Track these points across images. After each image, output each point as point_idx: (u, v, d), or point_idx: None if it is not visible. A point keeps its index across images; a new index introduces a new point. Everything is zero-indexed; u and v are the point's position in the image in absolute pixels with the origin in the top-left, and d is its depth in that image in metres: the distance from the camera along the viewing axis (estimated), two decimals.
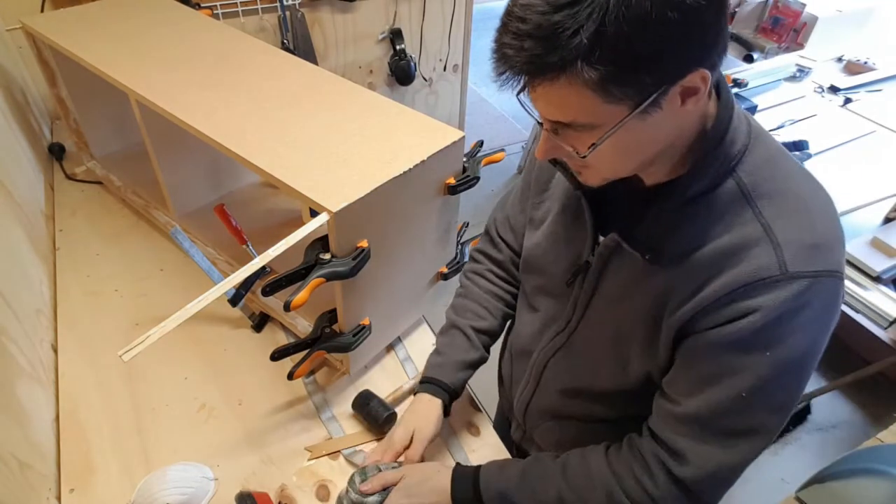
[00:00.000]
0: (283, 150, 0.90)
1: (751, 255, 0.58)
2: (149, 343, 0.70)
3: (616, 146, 0.57)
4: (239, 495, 0.84)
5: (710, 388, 0.62)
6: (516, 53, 0.51)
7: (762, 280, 0.57)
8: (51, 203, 1.42)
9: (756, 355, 0.59)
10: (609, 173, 0.63)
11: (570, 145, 0.59)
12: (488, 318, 0.95)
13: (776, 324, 0.57)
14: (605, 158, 0.59)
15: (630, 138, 0.56)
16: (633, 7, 0.47)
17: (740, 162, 0.61)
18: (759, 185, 0.60)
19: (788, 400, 0.62)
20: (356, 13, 2.17)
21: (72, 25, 1.23)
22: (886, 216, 1.54)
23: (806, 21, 2.74)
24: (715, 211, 0.61)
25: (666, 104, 0.53)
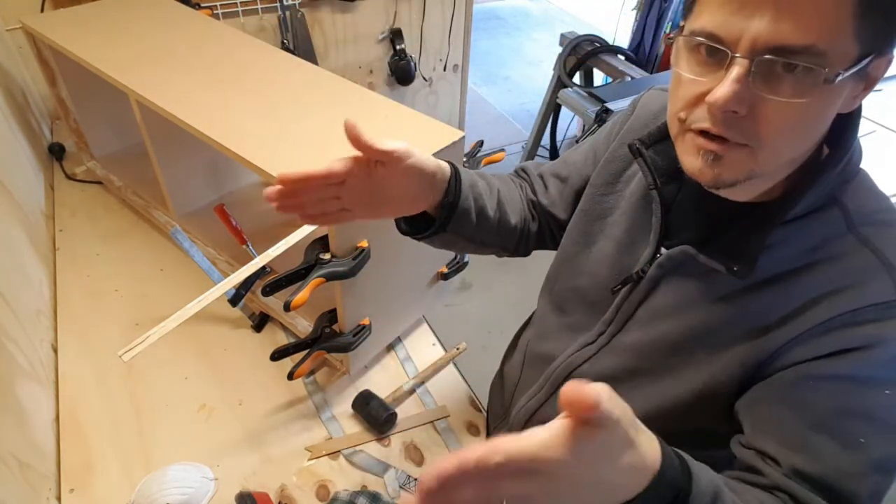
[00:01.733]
0: (284, 150, 0.90)
1: (864, 280, 0.52)
2: (149, 343, 0.70)
3: (811, 110, 0.47)
4: (239, 495, 0.85)
5: (820, 435, 0.51)
6: None
7: (875, 305, 0.50)
8: (51, 203, 1.42)
9: (875, 394, 0.51)
10: (770, 156, 0.50)
11: (771, 88, 0.46)
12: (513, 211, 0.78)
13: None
14: (787, 127, 0.48)
15: (825, 104, 0.47)
16: None
17: (846, 189, 0.55)
18: (864, 214, 0.54)
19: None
20: (356, 13, 2.17)
21: (72, 25, 1.23)
22: None
23: None
24: (813, 236, 0.54)
25: (852, 82, 0.46)
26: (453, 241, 0.72)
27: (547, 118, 3.00)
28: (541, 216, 0.83)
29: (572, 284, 0.77)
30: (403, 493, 0.72)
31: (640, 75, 2.56)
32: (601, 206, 0.74)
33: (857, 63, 0.44)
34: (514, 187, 0.83)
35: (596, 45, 2.75)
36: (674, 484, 0.41)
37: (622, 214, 0.71)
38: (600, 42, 2.78)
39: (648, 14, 2.85)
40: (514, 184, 0.84)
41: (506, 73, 4.23)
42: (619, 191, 0.73)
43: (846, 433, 0.51)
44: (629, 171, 0.72)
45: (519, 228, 0.79)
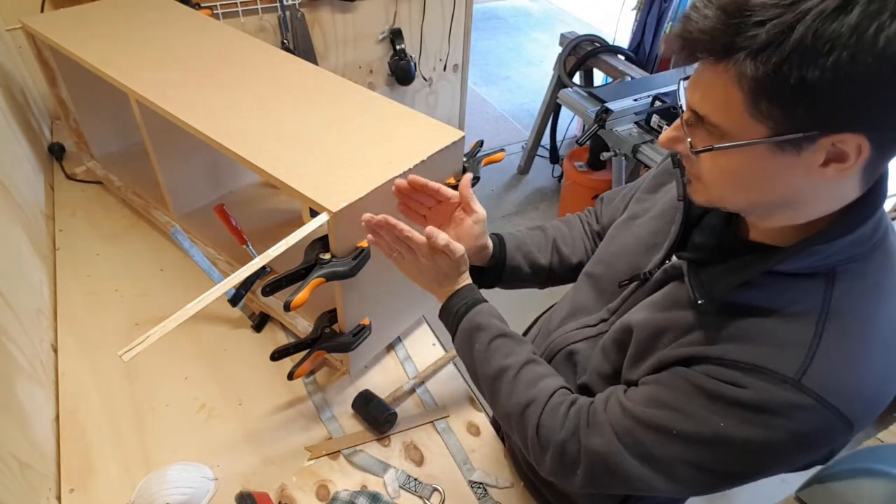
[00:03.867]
0: (283, 150, 0.90)
1: (785, 348, 0.55)
2: (149, 343, 0.69)
3: (736, 167, 0.53)
4: (239, 495, 0.85)
5: (658, 409, 0.62)
6: (700, 20, 0.48)
7: (774, 374, 0.54)
8: (51, 203, 1.42)
9: (714, 417, 0.57)
10: (716, 196, 0.58)
11: (694, 141, 0.55)
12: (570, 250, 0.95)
13: (750, 410, 0.55)
14: (718, 175, 0.55)
15: (752, 166, 0.52)
16: (829, 28, 0.42)
17: (847, 268, 0.56)
18: (847, 299, 0.55)
19: (714, 469, 0.59)
20: (356, 13, 2.17)
21: (72, 25, 1.23)
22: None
23: None
24: (788, 294, 0.57)
25: (806, 153, 0.49)
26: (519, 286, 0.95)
27: (547, 118, 3.00)
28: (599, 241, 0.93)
29: (590, 270, 0.84)
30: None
31: (640, 75, 2.56)
32: (642, 207, 0.81)
33: (776, 136, 0.48)
34: (577, 227, 0.98)
35: (596, 45, 2.75)
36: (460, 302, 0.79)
37: (651, 218, 0.77)
38: (600, 42, 2.78)
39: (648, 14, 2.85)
40: (580, 222, 0.99)
41: (506, 73, 4.23)
42: (659, 198, 0.79)
43: (668, 418, 0.61)
44: (670, 183, 0.78)
45: (577, 262, 0.94)
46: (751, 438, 0.56)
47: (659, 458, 0.62)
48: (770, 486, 1.89)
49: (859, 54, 0.42)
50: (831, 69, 0.43)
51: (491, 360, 0.75)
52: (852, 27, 0.42)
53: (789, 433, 0.54)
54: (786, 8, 0.44)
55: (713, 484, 0.61)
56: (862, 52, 0.42)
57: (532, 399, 0.72)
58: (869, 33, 0.42)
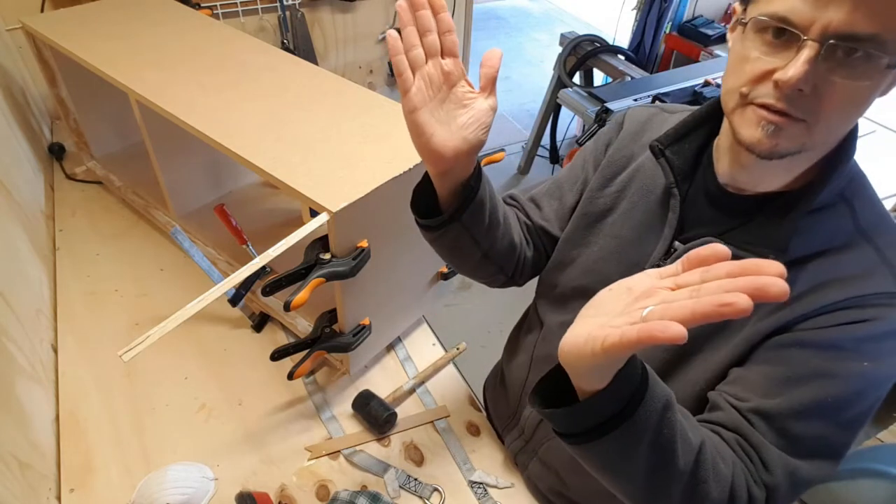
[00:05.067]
0: (283, 150, 0.90)
1: (869, 273, 0.57)
2: (149, 343, 0.69)
3: (870, 91, 0.52)
4: (239, 495, 0.85)
5: (795, 389, 0.57)
6: None
7: (880, 294, 0.55)
8: (51, 203, 1.42)
9: (854, 364, 0.56)
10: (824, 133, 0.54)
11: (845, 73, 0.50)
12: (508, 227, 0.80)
13: (883, 338, 0.55)
14: (846, 105, 0.52)
15: (871, 92, 0.52)
16: None
17: (850, 188, 0.61)
18: (868, 216, 0.59)
19: (860, 420, 0.58)
20: (356, 13, 2.17)
21: (72, 25, 1.23)
22: None
23: None
24: (825, 227, 0.59)
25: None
26: (461, 238, 0.72)
27: (547, 118, 3.00)
28: (536, 238, 0.86)
29: (576, 284, 0.79)
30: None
31: (640, 75, 2.56)
32: (598, 207, 0.78)
33: None
34: (510, 211, 0.83)
35: (596, 45, 2.75)
36: (631, 381, 0.49)
37: (623, 214, 0.74)
38: (600, 42, 2.78)
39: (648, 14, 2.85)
40: (514, 209, 0.87)
41: (506, 73, 4.23)
42: (615, 192, 0.76)
43: (814, 392, 0.56)
44: (623, 174, 0.76)
45: (518, 250, 0.81)
46: (893, 365, 0.56)
47: (824, 433, 0.57)
48: None
49: None
50: None
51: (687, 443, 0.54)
52: None
53: None
54: None
55: (864, 422, 0.59)
56: None
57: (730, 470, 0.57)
58: None
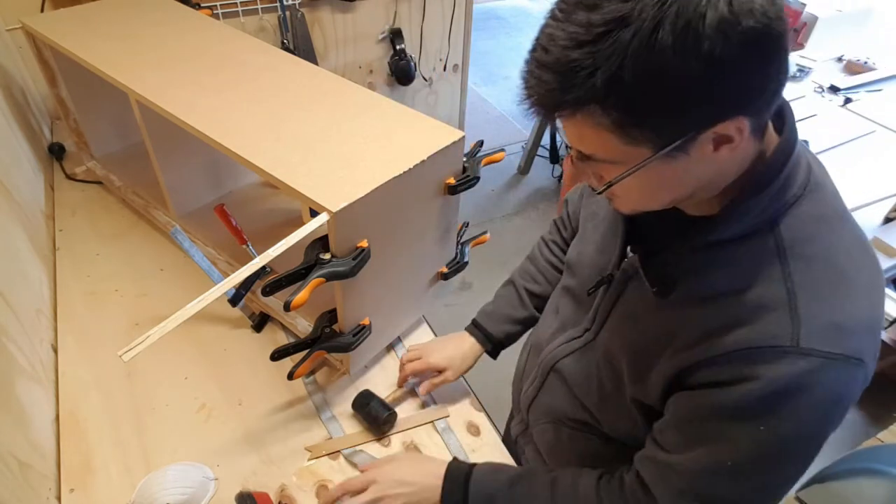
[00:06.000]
0: (283, 150, 0.90)
1: (767, 318, 0.54)
2: (149, 343, 0.69)
3: (640, 185, 0.54)
4: (239, 495, 0.85)
5: (697, 449, 0.59)
6: (536, 84, 0.50)
7: (770, 348, 0.53)
8: (51, 203, 1.42)
9: (749, 427, 0.55)
10: (637, 206, 0.60)
11: (593, 175, 0.57)
12: (542, 284, 0.99)
13: (774, 399, 0.53)
14: (629, 193, 0.57)
15: (654, 179, 0.53)
16: (654, 53, 0.43)
17: (785, 214, 0.56)
18: (798, 244, 0.55)
19: (774, 484, 0.58)
20: (356, 13, 2.17)
21: (72, 25, 1.23)
22: (886, 216, 1.54)
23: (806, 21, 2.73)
24: (744, 262, 0.56)
25: (695, 150, 0.50)
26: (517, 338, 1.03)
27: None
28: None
29: (566, 283, 0.84)
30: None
31: None
32: (588, 210, 0.83)
33: (660, 150, 0.49)
34: (541, 256, 1.02)
35: None
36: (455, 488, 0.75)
37: (602, 220, 0.78)
38: None
39: None
40: (545, 245, 1.02)
41: (506, 73, 4.23)
42: (599, 199, 0.80)
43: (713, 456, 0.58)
44: None
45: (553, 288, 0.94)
46: (795, 429, 0.54)
47: (731, 500, 0.59)
48: None
49: (687, 62, 0.44)
50: (672, 85, 0.45)
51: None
52: (671, 45, 0.43)
53: (819, 403, 0.53)
54: (603, 51, 0.44)
55: (782, 486, 0.59)
56: (688, 60, 0.44)
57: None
58: (689, 43, 0.43)
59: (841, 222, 0.58)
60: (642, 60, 0.44)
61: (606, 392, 0.74)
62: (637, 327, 0.66)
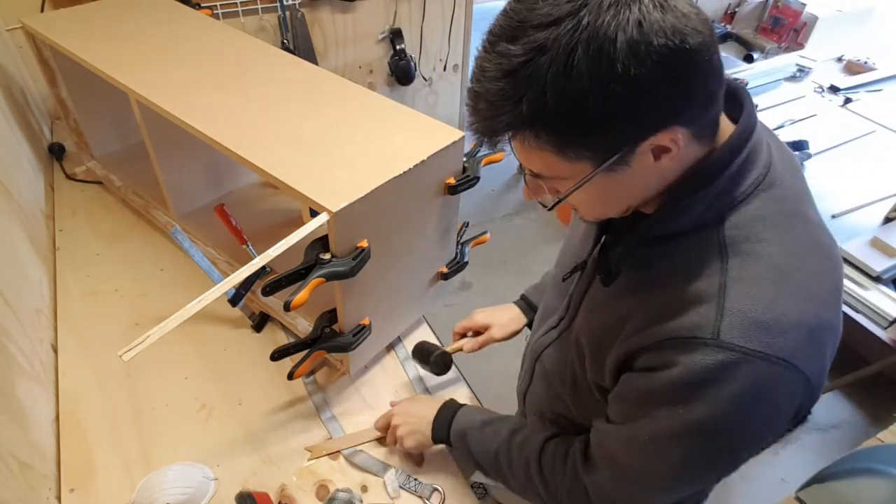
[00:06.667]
0: (283, 150, 0.90)
1: (696, 310, 0.55)
2: (149, 343, 0.70)
3: (589, 196, 0.57)
4: (239, 495, 0.84)
5: (627, 423, 0.63)
6: (474, 113, 0.53)
7: (692, 338, 0.54)
8: (51, 203, 1.42)
9: (665, 408, 0.57)
10: (598, 214, 0.63)
11: (548, 190, 0.59)
12: None
13: (687, 386, 0.55)
14: (582, 205, 0.60)
15: (602, 190, 0.56)
16: (572, 78, 0.45)
17: (733, 210, 0.56)
18: (741, 241, 0.55)
19: (691, 464, 0.60)
20: (356, 13, 2.17)
21: (72, 25, 1.23)
22: (886, 216, 1.54)
23: (806, 21, 2.74)
24: (688, 256, 0.58)
25: (635, 161, 0.52)
26: None
27: None
28: None
29: (553, 273, 0.88)
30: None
31: None
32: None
33: (601, 164, 0.52)
34: None
35: None
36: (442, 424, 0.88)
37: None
38: None
39: None
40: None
41: None
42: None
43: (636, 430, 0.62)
44: None
45: None
46: (705, 417, 0.55)
47: (646, 471, 0.62)
48: (770, 486, 1.90)
49: (604, 84, 0.45)
50: (595, 107, 0.47)
51: (485, 452, 0.83)
52: (586, 69, 0.45)
53: (735, 396, 0.53)
54: (525, 79, 0.47)
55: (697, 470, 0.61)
56: (605, 82, 0.45)
57: (527, 461, 0.77)
58: (603, 66, 0.45)
59: (793, 223, 0.57)
60: (562, 85, 0.46)
61: (578, 380, 0.76)
62: (598, 314, 0.69)
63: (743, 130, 0.56)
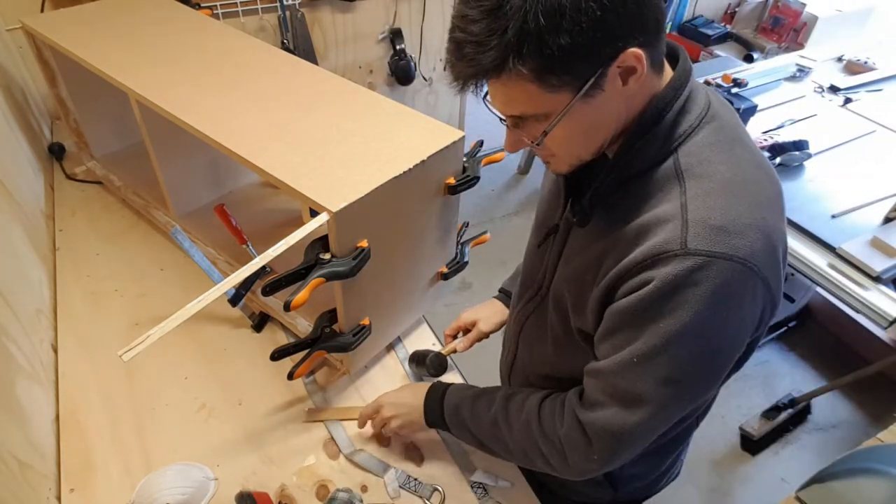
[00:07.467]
0: (283, 150, 0.90)
1: (663, 230, 0.60)
2: (149, 343, 0.70)
3: (569, 131, 0.61)
4: (239, 495, 0.84)
5: (616, 352, 0.65)
6: (458, 60, 0.57)
7: (663, 253, 0.59)
8: (51, 203, 1.42)
9: (648, 324, 0.61)
10: (572, 159, 0.66)
11: (528, 136, 0.64)
12: None
13: (665, 296, 0.59)
14: (562, 144, 0.64)
15: (580, 122, 0.60)
16: (547, 1, 0.51)
17: (684, 142, 0.63)
18: (695, 166, 0.62)
19: (680, 375, 0.63)
20: (356, 13, 2.17)
21: (72, 25, 1.23)
22: (886, 216, 1.54)
23: (806, 21, 2.74)
24: (650, 188, 0.63)
25: (607, 85, 0.57)
26: None
27: None
28: None
29: (528, 245, 0.89)
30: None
31: None
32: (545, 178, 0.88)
33: (579, 91, 0.57)
34: None
35: None
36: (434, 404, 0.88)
37: (548, 180, 0.84)
38: None
39: None
40: None
41: None
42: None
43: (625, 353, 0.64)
44: None
45: None
46: (685, 321, 0.59)
47: (640, 393, 0.64)
48: (770, 486, 1.90)
49: (580, 3, 0.52)
50: (570, 24, 0.52)
51: (481, 422, 0.83)
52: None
53: (706, 296, 0.58)
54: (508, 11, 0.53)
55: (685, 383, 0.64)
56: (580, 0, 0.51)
57: (527, 421, 0.77)
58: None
59: (735, 146, 0.64)
60: (541, 8, 0.52)
61: (558, 337, 0.79)
62: (575, 264, 0.72)
63: (681, 73, 0.63)
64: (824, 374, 2.20)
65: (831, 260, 1.45)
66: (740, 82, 2.04)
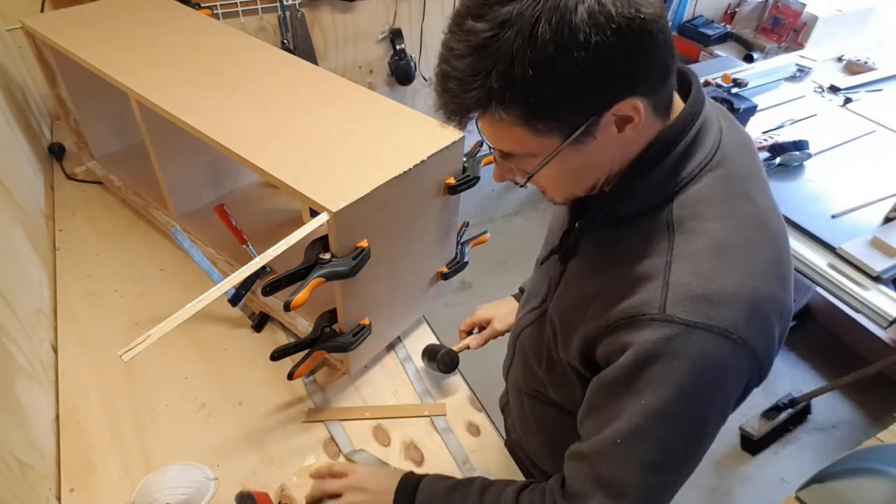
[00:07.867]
0: (283, 150, 0.90)
1: (644, 289, 0.56)
2: (149, 343, 0.70)
3: (559, 172, 0.59)
4: (239, 495, 0.84)
5: (598, 432, 0.61)
6: (443, 93, 0.54)
7: (641, 315, 0.55)
8: (51, 203, 1.42)
9: (630, 399, 0.57)
10: (565, 193, 0.64)
11: (518, 171, 0.61)
12: None
13: (644, 366, 0.55)
14: (551, 183, 0.62)
15: (570, 165, 0.57)
16: (537, 50, 0.47)
17: (684, 189, 0.58)
18: (687, 220, 0.58)
19: (666, 458, 0.58)
20: (356, 13, 2.17)
21: (72, 25, 1.23)
22: (886, 216, 1.54)
23: (806, 21, 2.74)
24: (640, 235, 0.60)
25: (600, 133, 0.54)
26: None
27: None
28: None
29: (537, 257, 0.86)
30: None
31: None
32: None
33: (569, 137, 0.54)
34: None
35: None
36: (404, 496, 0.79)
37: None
38: None
39: None
40: None
41: None
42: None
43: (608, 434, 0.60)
44: None
45: None
46: (667, 397, 0.55)
47: (626, 481, 0.59)
48: (770, 486, 1.90)
49: (568, 53, 0.47)
50: (561, 75, 0.48)
51: None
52: (550, 39, 0.47)
53: (686, 371, 0.54)
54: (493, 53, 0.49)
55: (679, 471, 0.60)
56: (569, 51, 0.47)
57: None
58: (566, 35, 0.47)
59: (738, 201, 0.59)
60: (528, 56, 0.48)
61: (553, 359, 0.77)
62: (569, 294, 0.70)
63: (689, 111, 0.59)
64: (824, 374, 2.20)
65: (831, 260, 1.45)
66: (740, 82, 2.04)
